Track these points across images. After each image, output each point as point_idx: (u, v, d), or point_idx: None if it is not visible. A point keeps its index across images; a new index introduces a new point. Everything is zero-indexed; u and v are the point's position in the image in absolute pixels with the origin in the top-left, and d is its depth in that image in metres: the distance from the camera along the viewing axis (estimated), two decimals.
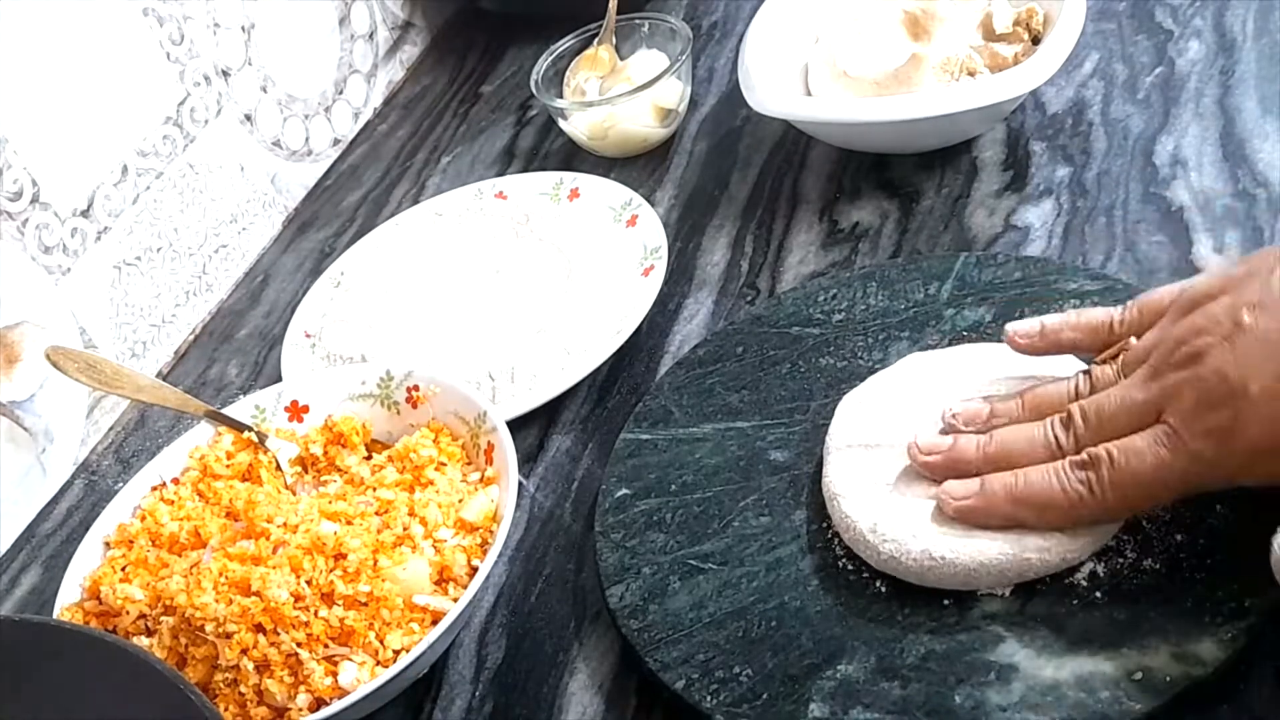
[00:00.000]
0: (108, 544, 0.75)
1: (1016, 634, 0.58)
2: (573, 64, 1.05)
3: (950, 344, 0.72)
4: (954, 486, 0.61)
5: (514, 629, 0.70)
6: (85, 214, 0.92)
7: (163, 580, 0.68)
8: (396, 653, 0.65)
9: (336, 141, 1.17)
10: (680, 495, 0.70)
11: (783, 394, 0.73)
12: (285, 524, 0.70)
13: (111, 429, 0.94)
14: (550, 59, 1.05)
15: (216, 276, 1.03)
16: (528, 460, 0.79)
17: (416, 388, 0.78)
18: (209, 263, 1.03)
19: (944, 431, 0.64)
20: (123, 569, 0.72)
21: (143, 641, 0.68)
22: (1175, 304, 0.59)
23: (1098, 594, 0.58)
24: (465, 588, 0.66)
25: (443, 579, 0.68)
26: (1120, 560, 0.59)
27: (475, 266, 0.93)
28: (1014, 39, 0.88)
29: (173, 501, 0.76)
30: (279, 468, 0.78)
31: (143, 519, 0.75)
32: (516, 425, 0.75)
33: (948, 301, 0.75)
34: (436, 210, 0.99)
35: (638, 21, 1.06)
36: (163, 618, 0.67)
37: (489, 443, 0.73)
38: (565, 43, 1.05)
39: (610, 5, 1.05)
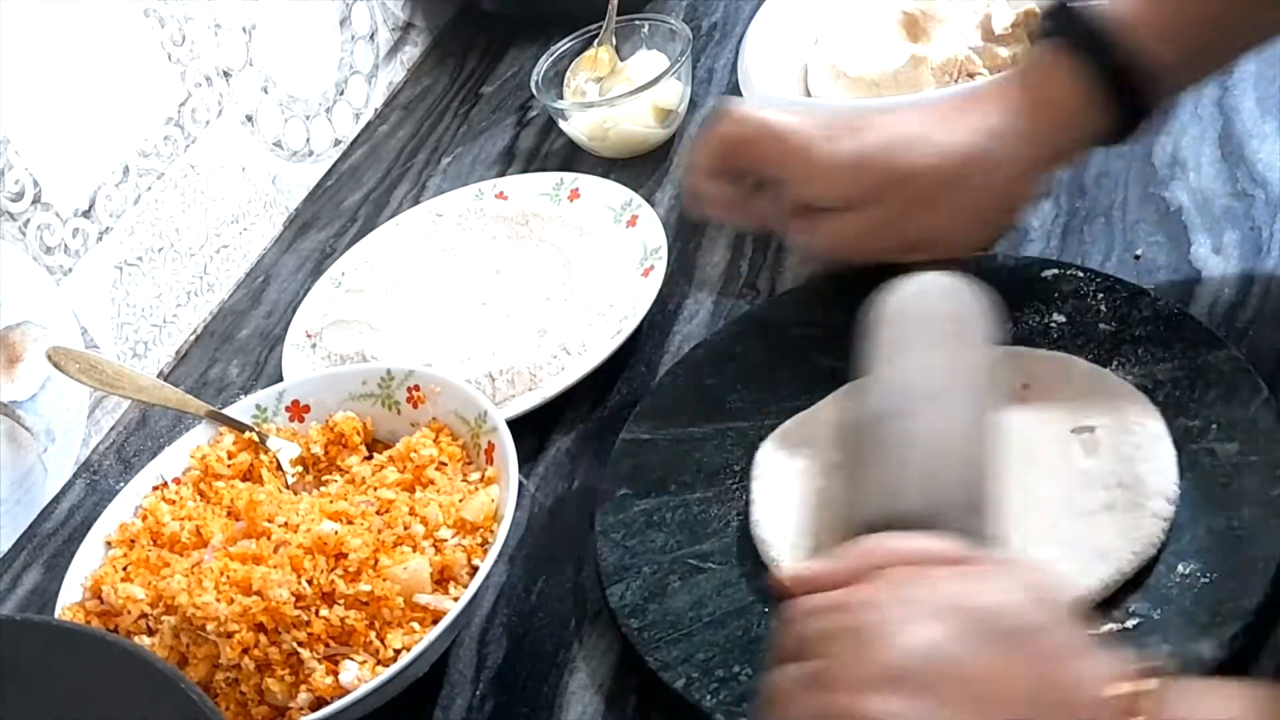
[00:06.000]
0: (109, 543, 0.75)
1: None
2: (573, 65, 1.05)
3: None
4: None
5: (514, 628, 0.71)
6: (87, 214, 0.92)
7: (164, 580, 0.68)
8: (397, 652, 0.65)
9: (337, 142, 1.17)
10: (680, 495, 0.70)
11: (783, 394, 0.73)
12: (286, 524, 0.70)
13: (113, 429, 0.94)
14: (550, 60, 1.05)
15: (218, 277, 1.04)
16: (528, 460, 0.79)
17: (417, 387, 0.78)
18: (210, 263, 1.03)
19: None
20: (124, 568, 0.72)
21: (144, 641, 0.68)
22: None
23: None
24: (465, 587, 0.66)
25: (443, 578, 0.68)
26: None
27: (475, 266, 0.93)
28: (1013, 40, 0.88)
29: (174, 501, 0.76)
30: (280, 467, 0.78)
31: (144, 518, 0.75)
32: (516, 425, 0.75)
33: None
34: (437, 211, 0.99)
35: (638, 22, 1.06)
36: (164, 617, 0.67)
37: (489, 442, 0.73)
38: (565, 44, 1.05)
39: (610, 6, 1.05)
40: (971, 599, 0.49)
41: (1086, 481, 0.62)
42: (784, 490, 0.67)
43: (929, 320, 0.64)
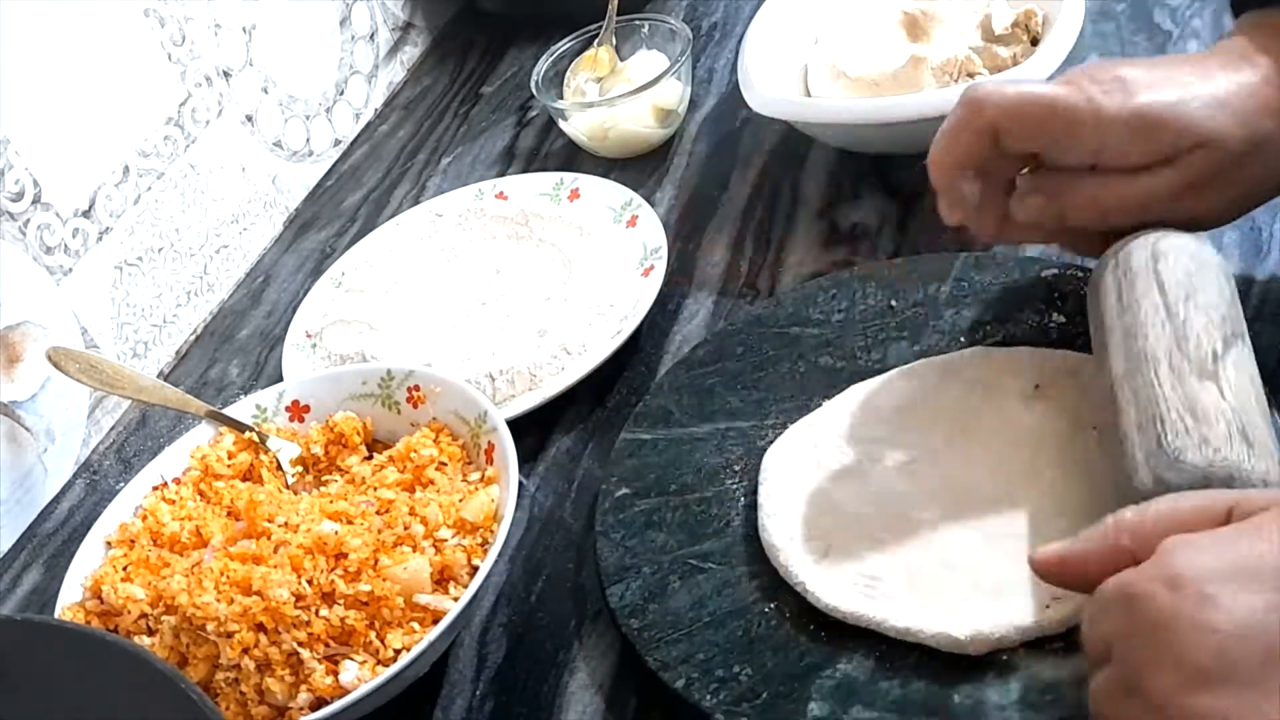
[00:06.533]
0: (109, 543, 0.75)
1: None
2: (573, 65, 1.05)
3: (949, 345, 0.72)
4: None
5: (514, 628, 0.71)
6: (87, 214, 0.92)
7: (164, 580, 0.68)
8: (397, 652, 0.65)
9: (337, 142, 1.17)
10: (680, 495, 0.70)
11: (783, 394, 0.74)
12: (286, 524, 0.70)
13: (113, 429, 0.94)
14: (550, 60, 1.05)
15: (218, 277, 1.04)
16: (528, 460, 0.79)
17: (417, 387, 0.78)
18: (210, 263, 1.03)
19: None
20: (124, 568, 0.72)
21: (144, 641, 0.68)
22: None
23: None
24: (465, 587, 0.66)
25: (443, 578, 0.68)
26: None
27: (475, 267, 0.93)
28: (1013, 40, 0.89)
29: (174, 501, 0.76)
30: (280, 467, 0.78)
31: (144, 519, 0.75)
32: (516, 425, 0.75)
33: (947, 302, 0.75)
34: (437, 211, 0.99)
35: (638, 22, 1.06)
36: (164, 617, 0.67)
37: (489, 442, 0.73)
38: (565, 44, 1.06)
39: (610, 6, 1.05)
40: (1273, 557, 0.43)
41: (1106, 478, 0.62)
42: (792, 493, 0.67)
43: (1201, 273, 0.60)
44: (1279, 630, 0.42)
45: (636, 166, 1.00)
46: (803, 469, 0.68)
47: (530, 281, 0.90)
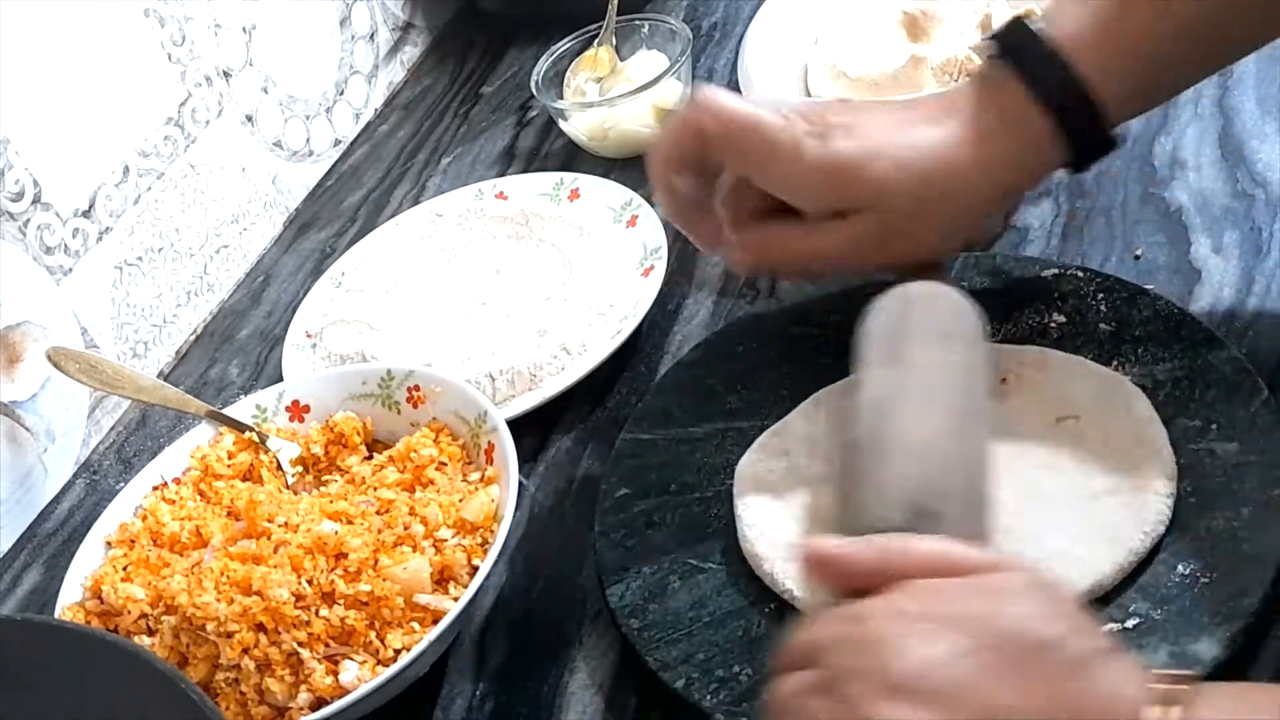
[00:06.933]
0: (109, 543, 0.75)
1: None
2: (573, 65, 1.05)
3: None
4: None
5: (514, 628, 0.71)
6: (87, 214, 0.92)
7: (164, 580, 0.68)
8: (397, 652, 0.65)
9: (337, 142, 1.17)
10: (680, 495, 0.70)
11: (783, 394, 0.73)
12: (286, 524, 0.70)
13: (113, 429, 0.94)
14: (550, 60, 1.05)
15: (218, 277, 1.04)
16: (528, 460, 0.79)
17: (417, 387, 0.78)
18: (210, 263, 1.03)
19: None
20: (124, 568, 0.72)
21: (144, 641, 0.68)
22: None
23: None
24: (465, 587, 0.66)
25: (443, 578, 0.68)
26: None
27: (475, 267, 0.93)
28: None
29: (174, 501, 0.76)
30: (280, 467, 0.78)
31: (144, 519, 0.75)
32: (517, 425, 0.75)
33: None
34: (437, 211, 0.99)
35: (638, 22, 1.06)
36: (164, 617, 0.67)
37: (489, 442, 0.73)
38: (565, 44, 1.06)
39: (610, 6, 1.05)
40: (989, 614, 0.48)
41: (1083, 469, 0.62)
42: (770, 502, 0.67)
43: (921, 329, 0.63)
44: (970, 670, 0.46)
45: (636, 166, 1.00)
46: (776, 477, 0.68)
47: (530, 281, 0.90)
